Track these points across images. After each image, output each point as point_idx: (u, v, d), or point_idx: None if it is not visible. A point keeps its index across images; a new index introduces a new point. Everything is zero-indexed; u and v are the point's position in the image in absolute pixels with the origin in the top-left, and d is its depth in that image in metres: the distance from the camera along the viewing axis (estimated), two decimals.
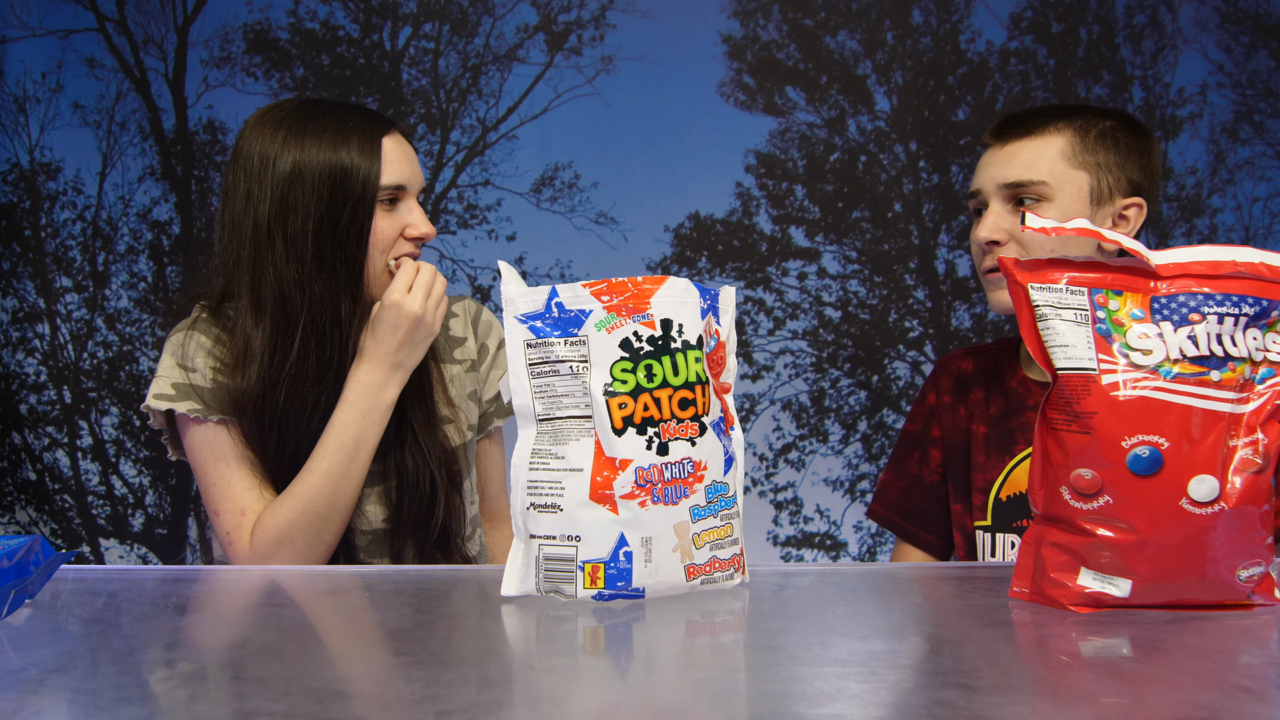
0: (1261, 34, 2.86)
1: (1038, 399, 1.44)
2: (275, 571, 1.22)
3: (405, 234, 1.40)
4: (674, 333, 0.92)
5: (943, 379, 1.59)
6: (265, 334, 1.36)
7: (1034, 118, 1.44)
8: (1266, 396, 0.87)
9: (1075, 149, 1.41)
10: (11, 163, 3.00)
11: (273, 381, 1.36)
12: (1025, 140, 1.43)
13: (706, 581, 0.94)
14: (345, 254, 1.36)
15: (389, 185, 1.38)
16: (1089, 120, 1.44)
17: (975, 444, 1.51)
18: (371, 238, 1.37)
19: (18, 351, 3.02)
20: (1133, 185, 1.43)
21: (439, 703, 0.65)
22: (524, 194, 2.94)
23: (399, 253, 1.40)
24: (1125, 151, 1.43)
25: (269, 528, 1.33)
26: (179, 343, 1.42)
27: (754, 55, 2.91)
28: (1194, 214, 2.88)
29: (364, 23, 2.96)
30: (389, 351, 1.35)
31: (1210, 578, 0.86)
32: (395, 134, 1.42)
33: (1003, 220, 1.42)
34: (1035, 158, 1.42)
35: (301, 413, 1.37)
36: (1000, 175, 1.43)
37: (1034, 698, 0.66)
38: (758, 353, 2.94)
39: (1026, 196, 1.41)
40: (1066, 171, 1.41)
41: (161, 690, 0.71)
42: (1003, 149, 1.44)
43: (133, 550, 3.02)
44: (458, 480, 1.47)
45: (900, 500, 1.61)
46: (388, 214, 1.39)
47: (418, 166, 1.44)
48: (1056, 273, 0.90)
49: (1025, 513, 1.42)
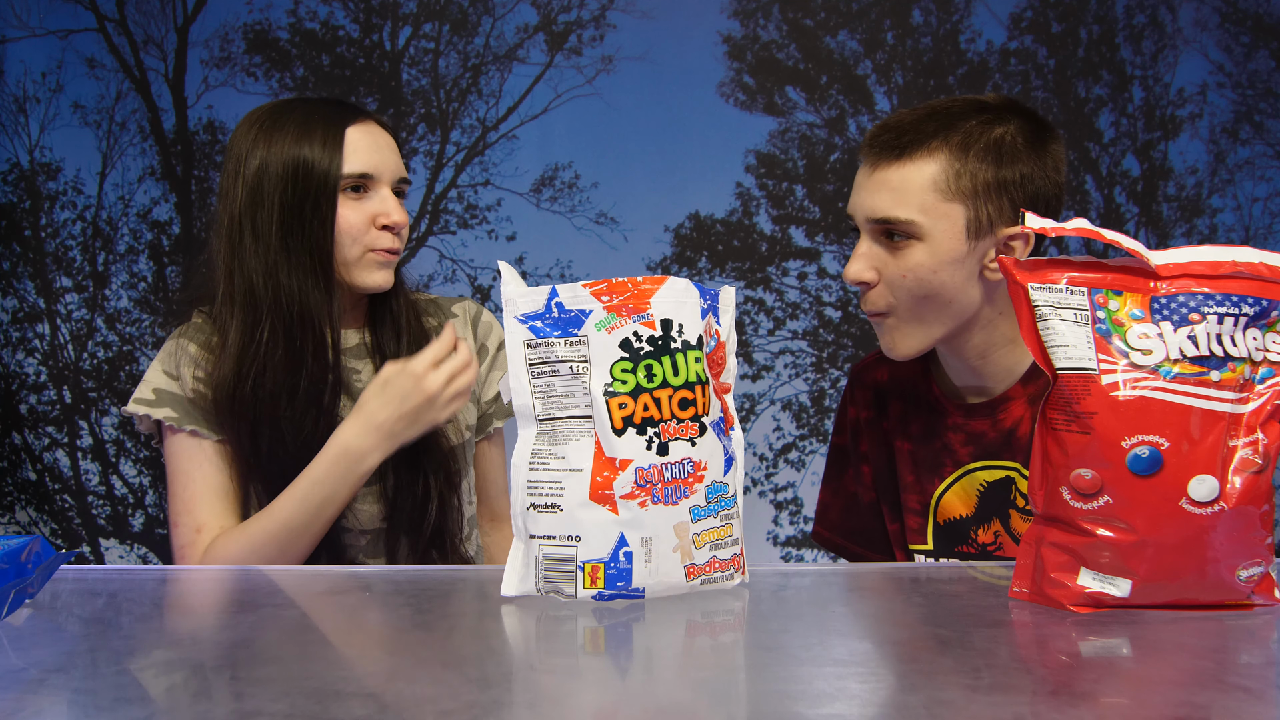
0: (1261, 34, 2.86)
1: (956, 419, 1.36)
2: (275, 571, 1.22)
3: (376, 222, 1.39)
4: (674, 333, 0.92)
5: (858, 391, 1.48)
6: (238, 325, 1.37)
7: (909, 132, 1.25)
8: (1266, 396, 0.87)
9: (949, 177, 1.23)
10: (11, 163, 3.00)
11: (245, 372, 1.37)
12: (895, 165, 1.24)
13: (706, 581, 0.94)
14: (312, 244, 1.37)
15: (351, 174, 1.38)
16: (971, 134, 1.24)
17: (901, 461, 1.41)
18: (337, 226, 1.37)
19: (18, 351, 3.02)
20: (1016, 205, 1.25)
21: (439, 703, 0.65)
22: (524, 194, 2.94)
23: (373, 242, 1.39)
24: (1013, 166, 1.24)
25: (217, 557, 1.34)
26: (169, 350, 1.44)
27: (754, 55, 2.91)
28: (1194, 214, 2.88)
29: (364, 23, 2.96)
30: (387, 419, 1.31)
31: (1210, 578, 0.86)
32: (365, 123, 1.42)
33: (872, 257, 1.27)
34: (904, 190, 1.23)
35: (275, 405, 1.37)
36: (868, 207, 1.26)
37: (1034, 698, 0.66)
38: (758, 353, 2.94)
39: (896, 234, 1.24)
40: (938, 206, 1.23)
41: (161, 690, 0.71)
42: (873, 173, 1.26)
43: (133, 550, 3.02)
44: (455, 480, 1.47)
45: (843, 521, 1.50)
46: (355, 202, 1.38)
47: (390, 154, 1.42)
48: (1056, 273, 0.90)
49: (964, 539, 1.36)
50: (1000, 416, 1.33)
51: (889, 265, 1.26)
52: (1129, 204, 2.90)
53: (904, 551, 1.42)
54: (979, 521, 1.35)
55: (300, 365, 1.37)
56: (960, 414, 1.37)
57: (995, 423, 1.34)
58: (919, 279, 1.25)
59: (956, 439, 1.37)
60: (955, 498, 1.37)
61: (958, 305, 1.27)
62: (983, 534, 1.36)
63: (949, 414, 1.37)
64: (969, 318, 1.29)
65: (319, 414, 1.39)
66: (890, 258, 1.26)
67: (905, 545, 1.42)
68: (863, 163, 1.29)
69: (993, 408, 1.34)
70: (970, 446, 1.36)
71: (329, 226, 1.37)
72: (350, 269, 1.40)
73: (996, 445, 1.34)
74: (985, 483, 1.35)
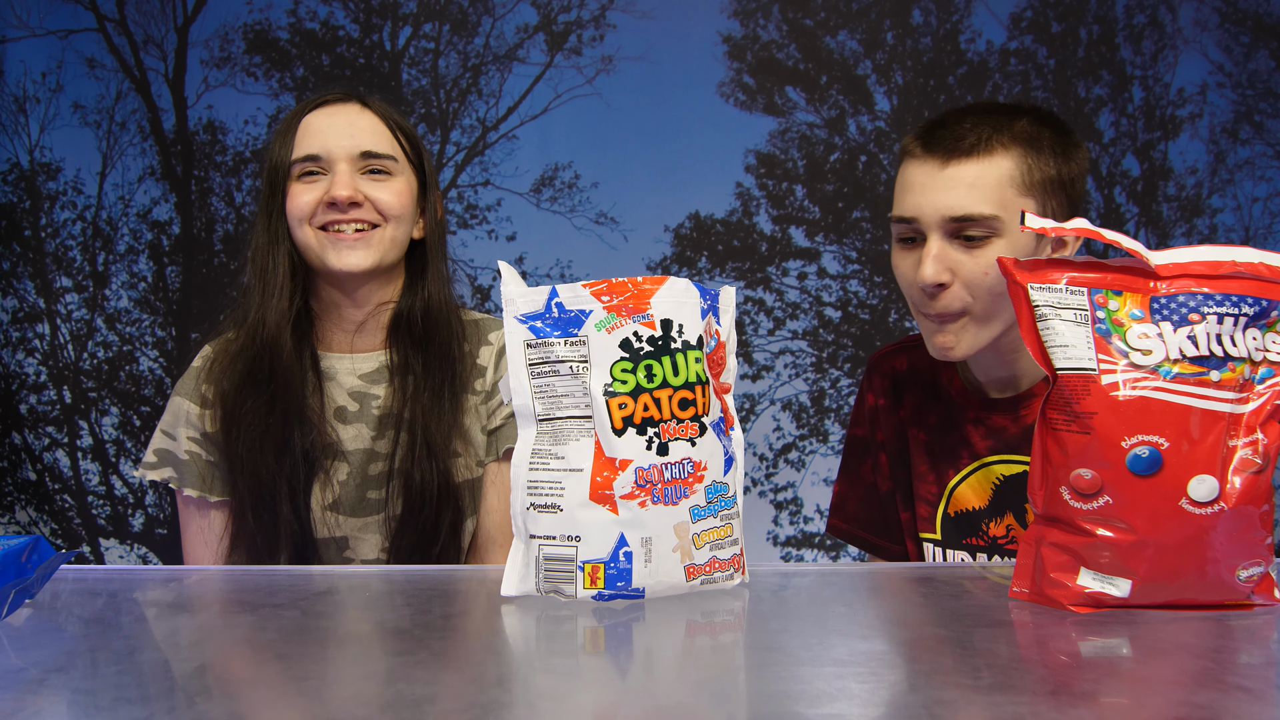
0: (1261, 34, 2.86)
1: (977, 411, 1.37)
2: (275, 571, 1.22)
3: (325, 199, 1.37)
4: (674, 333, 0.92)
5: (876, 379, 1.48)
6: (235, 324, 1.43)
7: (975, 130, 1.24)
8: (1266, 396, 0.87)
9: (1024, 171, 1.23)
10: (11, 163, 3.00)
11: (216, 370, 1.39)
12: (969, 161, 1.23)
13: (706, 581, 0.94)
14: (283, 241, 1.39)
15: (298, 158, 1.38)
16: (1029, 129, 1.25)
17: (915, 450, 1.41)
18: (287, 211, 1.38)
19: (18, 351, 3.02)
20: (1072, 202, 1.27)
21: (439, 703, 0.65)
22: (524, 194, 2.94)
23: (321, 220, 1.37)
24: (1069, 164, 1.26)
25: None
26: (172, 408, 1.44)
27: (754, 55, 2.91)
28: (1194, 214, 2.88)
29: (364, 23, 2.96)
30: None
31: (1210, 578, 0.86)
32: (333, 105, 1.41)
33: (947, 258, 1.24)
34: (983, 185, 1.22)
35: (245, 422, 1.36)
36: (944, 205, 1.22)
37: (1034, 698, 0.66)
38: (758, 353, 2.94)
39: (974, 233, 1.22)
40: (1016, 200, 1.23)
41: (161, 690, 0.71)
42: (943, 170, 1.23)
43: (133, 550, 3.02)
44: (459, 518, 1.41)
45: (861, 512, 1.50)
46: (307, 185, 1.38)
47: (347, 131, 1.39)
48: (1056, 273, 0.90)
49: (974, 531, 1.37)
50: (1023, 412, 1.34)
51: (965, 265, 1.24)
52: (1129, 204, 2.90)
53: (914, 541, 1.42)
54: (992, 514, 1.36)
55: (270, 385, 1.36)
56: (981, 408, 1.37)
57: (1018, 418, 1.35)
58: (998, 276, 1.21)
59: (976, 432, 1.37)
60: (970, 489, 1.37)
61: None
62: (994, 527, 1.36)
63: (969, 407, 1.38)
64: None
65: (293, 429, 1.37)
66: (966, 257, 1.24)
67: (916, 534, 1.42)
68: (921, 162, 1.25)
69: (1016, 403, 1.35)
70: (990, 440, 1.36)
71: (282, 212, 1.39)
72: (318, 255, 1.38)
73: (1017, 440, 1.35)
74: (1002, 476, 1.36)
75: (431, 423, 1.38)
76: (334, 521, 1.40)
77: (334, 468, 1.39)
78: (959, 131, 1.24)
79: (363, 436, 1.41)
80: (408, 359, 1.40)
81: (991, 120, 1.25)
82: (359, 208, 1.37)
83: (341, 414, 1.41)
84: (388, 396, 1.40)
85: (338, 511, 1.40)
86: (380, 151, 1.39)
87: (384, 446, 1.39)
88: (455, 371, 1.41)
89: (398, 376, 1.40)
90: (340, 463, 1.40)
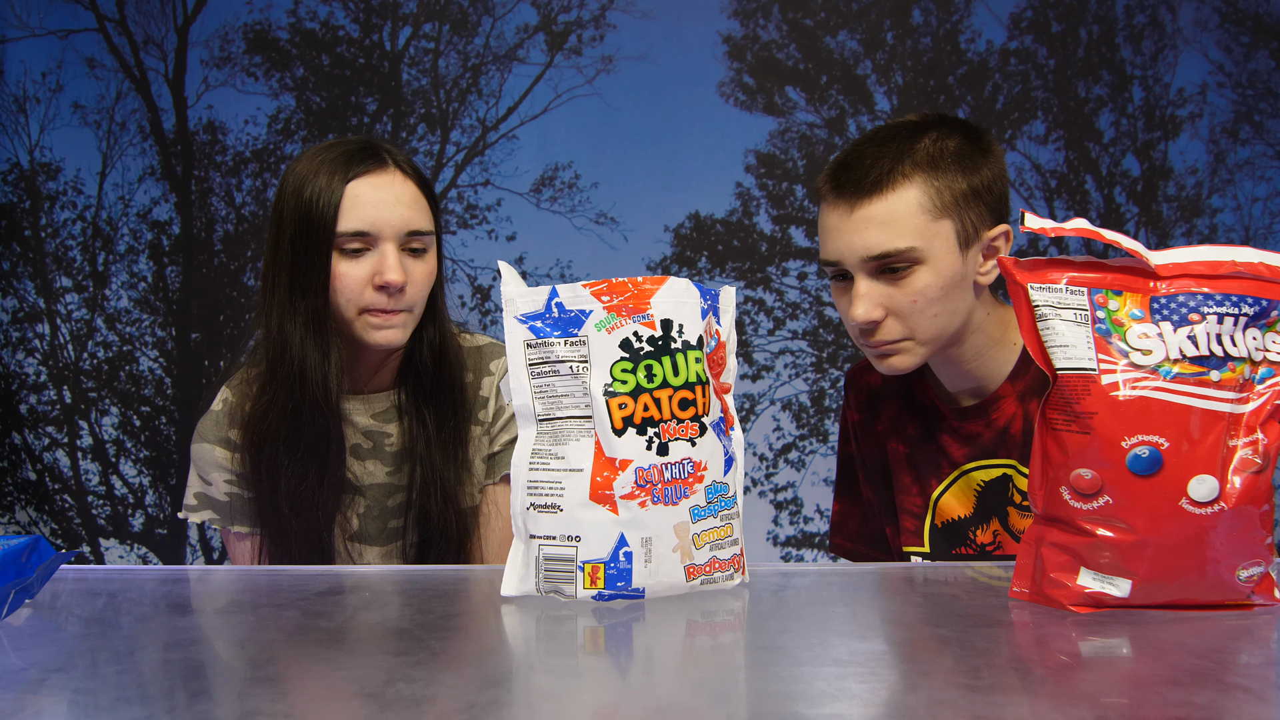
0: (1261, 34, 2.86)
1: (951, 420, 1.38)
2: (275, 571, 1.22)
3: (373, 281, 1.33)
4: (674, 333, 0.92)
5: (852, 395, 1.50)
6: (260, 381, 1.39)
7: (877, 165, 1.25)
8: (1266, 396, 0.87)
9: (931, 196, 1.24)
10: (11, 163, 3.00)
11: (252, 420, 1.38)
12: (876, 199, 1.24)
13: (706, 582, 0.94)
14: (310, 299, 1.33)
15: (346, 231, 1.32)
16: (932, 148, 1.26)
17: (896, 463, 1.42)
18: (333, 285, 1.33)
19: (18, 351, 3.02)
20: (992, 209, 1.28)
21: (439, 703, 0.65)
22: (524, 194, 2.95)
23: (369, 302, 1.33)
24: (977, 172, 1.27)
25: None
26: (200, 455, 1.44)
27: (754, 55, 2.91)
28: (1194, 214, 2.89)
29: (364, 23, 2.96)
30: None
31: (1210, 578, 0.86)
32: (378, 173, 1.35)
33: (875, 294, 1.26)
34: (895, 220, 1.24)
35: (274, 465, 1.36)
36: (860, 247, 1.24)
37: (1034, 698, 0.66)
38: (758, 353, 2.94)
39: (897, 265, 1.24)
40: (930, 226, 1.24)
41: (161, 690, 0.71)
42: (852, 214, 1.25)
43: (133, 550, 3.02)
44: (464, 540, 1.45)
45: (862, 529, 1.51)
46: (352, 260, 1.33)
47: (396, 208, 1.34)
48: (1056, 273, 0.90)
49: (962, 540, 1.37)
50: (994, 416, 1.35)
51: (893, 297, 1.26)
52: (1129, 204, 2.90)
53: (900, 555, 1.43)
54: (978, 521, 1.36)
55: (299, 430, 1.36)
56: (954, 417, 1.38)
57: (989, 423, 1.35)
58: (929, 300, 1.25)
59: (953, 441, 1.38)
60: (954, 499, 1.38)
61: (961, 315, 1.29)
62: (981, 534, 1.36)
63: (944, 417, 1.39)
64: (967, 325, 1.31)
65: (322, 472, 1.38)
66: (894, 289, 1.26)
67: (897, 548, 1.43)
68: (832, 207, 1.27)
69: (985, 409, 1.35)
70: (966, 448, 1.37)
71: (325, 284, 1.33)
72: (352, 328, 1.36)
73: (991, 444, 1.35)
74: (982, 482, 1.35)
75: (439, 457, 1.41)
76: (358, 552, 1.44)
77: (353, 502, 1.43)
78: (861, 170, 1.25)
79: (379, 472, 1.45)
80: (417, 399, 1.43)
81: (893, 150, 1.26)
82: (403, 293, 1.35)
83: (357, 451, 1.44)
84: (399, 434, 1.44)
85: (361, 542, 1.45)
86: (423, 229, 1.37)
87: (401, 479, 1.44)
88: (459, 406, 1.44)
89: (408, 416, 1.43)
90: (359, 498, 1.44)
